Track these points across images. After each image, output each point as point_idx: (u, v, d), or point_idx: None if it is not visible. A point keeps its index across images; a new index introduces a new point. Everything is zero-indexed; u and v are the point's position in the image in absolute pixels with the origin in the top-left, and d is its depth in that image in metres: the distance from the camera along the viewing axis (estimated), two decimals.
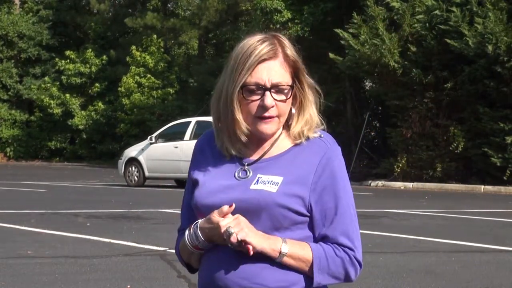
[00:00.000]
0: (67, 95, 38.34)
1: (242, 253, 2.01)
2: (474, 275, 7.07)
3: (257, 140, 2.10)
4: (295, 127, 2.09)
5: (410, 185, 21.18)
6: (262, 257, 2.02)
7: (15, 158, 39.78)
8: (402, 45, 21.28)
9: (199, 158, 2.18)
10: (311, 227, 2.07)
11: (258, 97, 2.03)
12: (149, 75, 36.74)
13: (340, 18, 24.66)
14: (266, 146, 2.11)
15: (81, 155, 39.10)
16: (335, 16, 25.41)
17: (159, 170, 19.34)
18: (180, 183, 20.05)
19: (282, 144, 2.10)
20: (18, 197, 15.61)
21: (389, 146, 23.23)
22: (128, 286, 6.29)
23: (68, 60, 38.64)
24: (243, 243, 1.97)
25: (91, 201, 14.53)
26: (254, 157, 2.10)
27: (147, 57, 36.79)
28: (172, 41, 40.52)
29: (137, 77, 36.65)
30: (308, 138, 2.10)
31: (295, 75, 2.07)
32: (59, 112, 38.41)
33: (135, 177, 19.77)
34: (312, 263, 2.02)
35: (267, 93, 2.02)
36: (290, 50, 2.06)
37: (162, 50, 37.77)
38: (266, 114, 2.03)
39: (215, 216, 2.00)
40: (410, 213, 13.05)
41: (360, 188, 20.15)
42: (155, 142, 19.55)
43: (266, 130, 2.05)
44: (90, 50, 38.72)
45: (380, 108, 27.15)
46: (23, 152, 39.96)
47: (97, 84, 38.72)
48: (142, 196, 16.41)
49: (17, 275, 6.73)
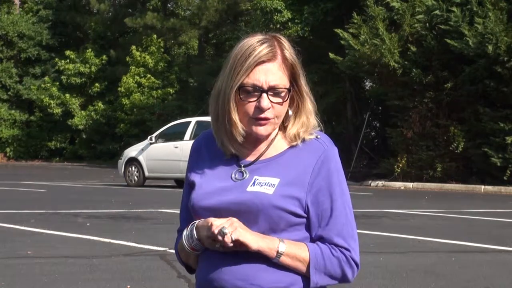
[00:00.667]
0: (67, 95, 38.33)
1: (239, 254, 2.01)
2: (474, 275, 7.07)
3: (254, 141, 2.09)
4: (291, 129, 2.08)
5: (410, 185, 21.18)
6: (259, 258, 2.01)
7: (15, 158, 39.78)
8: (402, 45, 21.28)
9: (196, 160, 2.18)
10: (308, 228, 2.06)
11: (255, 99, 2.02)
12: (149, 75, 36.74)
13: (340, 18, 24.67)
14: (262, 148, 2.10)
15: (81, 155, 39.09)
16: (335, 16, 25.41)
17: (159, 170, 19.34)
18: (180, 183, 20.04)
19: (278, 146, 2.10)
20: (18, 197, 15.61)
21: (389, 146, 23.24)
22: (128, 286, 6.28)
23: (68, 60, 38.63)
24: (238, 243, 1.96)
25: (91, 201, 14.53)
26: (251, 158, 2.10)
27: (147, 57, 36.79)
28: (172, 41, 40.51)
29: (137, 77, 36.65)
30: (304, 140, 2.09)
31: (293, 78, 2.06)
32: (59, 112, 38.40)
33: (135, 177, 19.77)
34: (309, 263, 2.01)
35: (264, 95, 2.01)
36: (289, 53, 2.05)
37: (162, 50, 37.77)
38: (262, 116, 2.02)
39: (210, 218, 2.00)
40: (410, 213, 13.05)
41: (360, 188, 20.15)
42: (155, 142, 19.55)
43: (261, 132, 2.04)
44: (90, 50, 38.71)
45: (380, 108, 27.16)
46: (23, 152, 39.95)
47: (97, 84, 38.71)
48: (142, 196, 16.40)
49: (17, 275, 6.73)
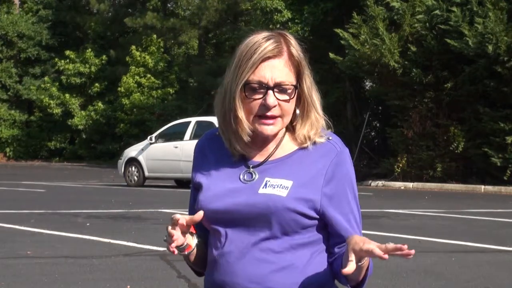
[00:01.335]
0: (67, 95, 38.33)
1: (250, 256, 1.98)
2: (474, 275, 7.07)
3: (261, 141, 2.04)
4: (300, 130, 2.04)
5: (410, 185, 21.18)
6: (271, 259, 1.97)
7: (15, 158, 39.77)
8: (402, 45, 21.27)
9: (201, 161, 2.12)
10: (321, 231, 2.03)
11: (261, 96, 1.97)
12: (149, 75, 36.74)
13: (340, 18, 24.66)
14: (271, 148, 2.05)
15: (81, 155, 39.08)
16: (335, 16, 25.40)
17: (159, 170, 19.33)
18: (180, 183, 20.04)
19: (287, 146, 2.05)
20: (18, 197, 15.61)
21: (389, 146, 23.23)
22: (128, 286, 6.28)
23: (68, 60, 38.62)
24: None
25: (91, 201, 14.53)
26: (259, 159, 2.05)
27: (147, 57, 36.79)
28: (172, 41, 40.51)
29: (137, 77, 36.65)
30: (315, 142, 2.05)
31: (300, 75, 2.02)
32: (59, 112, 38.40)
33: (135, 177, 19.77)
34: (368, 267, 1.97)
35: (270, 92, 1.96)
36: (296, 50, 2.01)
37: (162, 50, 37.77)
38: (268, 114, 1.97)
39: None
40: (410, 213, 13.05)
41: (360, 188, 20.16)
42: (155, 142, 19.54)
43: (267, 131, 1.99)
44: (90, 50, 38.71)
45: (380, 108, 27.15)
46: (23, 152, 39.95)
47: (97, 84, 38.71)
48: (142, 196, 16.40)
49: (17, 275, 6.72)
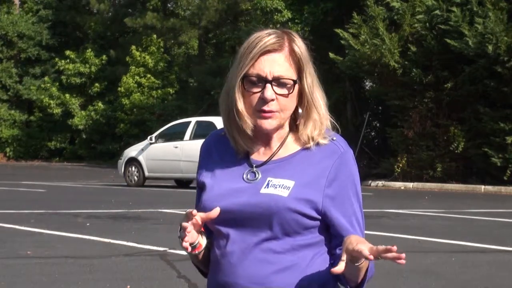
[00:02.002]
0: (67, 95, 38.34)
1: (252, 256, 1.98)
2: (474, 275, 7.07)
3: (265, 139, 2.05)
4: (303, 130, 2.03)
5: (410, 185, 21.18)
6: (273, 260, 1.97)
7: (15, 158, 39.77)
8: (402, 45, 21.27)
9: (206, 161, 2.12)
10: (323, 232, 2.03)
11: (259, 90, 1.97)
12: (149, 75, 36.74)
13: (340, 18, 24.66)
14: (274, 147, 2.05)
15: (81, 155, 39.08)
16: (335, 16, 25.40)
17: (159, 170, 19.33)
18: (180, 183, 20.04)
19: (291, 146, 2.05)
20: (18, 197, 15.61)
21: (389, 146, 23.23)
22: (128, 286, 6.28)
23: (68, 60, 38.63)
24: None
25: (91, 201, 14.52)
26: (262, 158, 2.05)
27: (147, 57, 36.79)
28: (172, 41, 40.51)
29: (137, 77, 36.65)
30: (319, 143, 2.04)
31: (301, 72, 2.00)
32: (59, 112, 38.40)
33: (135, 177, 19.77)
34: (367, 269, 1.97)
35: (268, 86, 1.96)
36: (298, 47, 2.00)
37: (162, 50, 37.77)
38: (266, 108, 1.97)
39: None
40: (410, 213, 13.05)
41: (360, 188, 20.11)
42: (155, 142, 19.54)
43: (266, 125, 1.98)
44: (90, 50, 38.72)
45: (380, 108, 27.15)
46: (23, 152, 39.95)
47: (97, 84, 38.71)
48: (142, 196, 16.40)
49: (17, 275, 6.72)
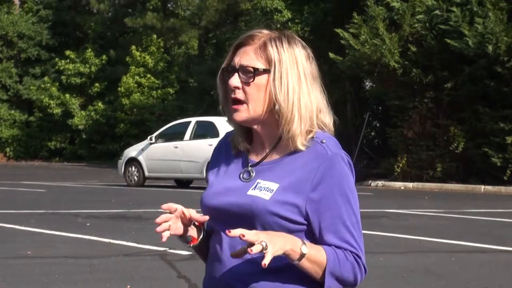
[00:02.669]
0: (67, 95, 38.33)
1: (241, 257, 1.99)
2: (474, 275, 7.07)
3: (259, 140, 2.09)
4: (290, 130, 2.02)
5: (410, 185, 21.18)
6: (257, 261, 1.97)
7: (15, 158, 39.76)
8: (402, 45, 21.27)
9: (215, 159, 2.18)
10: (310, 235, 2.02)
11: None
12: (149, 75, 36.74)
13: (340, 18, 24.66)
14: (268, 148, 2.08)
15: (81, 155, 39.07)
16: (335, 16, 25.41)
17: (159, 170, 19.33)
18: (180, 183, 20.04)
19: (282, 148, 2.06)
20: (18, 197, 15.61)
21: (389, 146, 23.24)
22: (128, 286, 6.28)
23: (68, 60, 38.62)
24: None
25: (91, 201, 14.53)
26: (257, 159, 2.09)
27: (147, 57, 36.78)
28: (172, 41, 40.50)
29: (137, 77, 36.65)
30: (308, 146, 2.03)
31: (270, 66, 2.03)
32: (59, 112, 38.39)
33: (135, 177, 19.77)
34: (325, 267, 1.97)
35: (235, 74, 2.03)
36: (276, 45, 2.03)
37: (162, 50, 37.77)
38: (233, 95, 2.03)
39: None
40: (410, 213, 13.05)
41: (360, 188, 20.14)
42: (155, 142, 19.54)
43: (235, 117, 2.03)
44: (90, 50, 38.71)
45: (380, 108, 27.18)
46: (23, 152, 39.94)
47: (97, 84, 38.71)
48: (142, 196, 16.40)
49: (17, 275, 6.73)
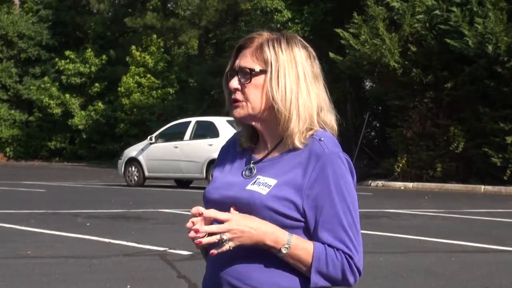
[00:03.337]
0: (67, 95, 38.33)
1: (235, 251, 2.01)
2: (474, 275, 7.07)
3: (264, 140, 2.13)
4: (288, 128, 2.06)
5: (410, 185, 21.18)
6: (255, 257, 2.02)
7: (15, 158, 39.77)
8: (402, 45, 21.27)
9: (221, 157, 2.23)
10: (307, 232, 2.04)
11: None
12: (149, 75, 36.74)
13: (340, 18, 24.66)
14: (270, 146, 2.12)
15: (81, 155, 39.08)
16: (335, 16, 25.41)
17: (159, 170, 19.33)
18: (180, 183, 20.04)
19: (283, 146, 2.09)
20: (18, 197, 15.61)
21: (389, 146, 23.24)
22: (128, 286, 6.28)
23: (68, 60, 38.62)
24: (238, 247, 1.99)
25: (91, 201, 14.53)
26: (259, 156, 2.13)
27: (147, 57, 36.78)
28: (172, 41, 40.50)
29: (137, 77, 36.65)
30: (307, 144, 2.06)
31: (266, 67, 2.07)
32: (59, 112, 38.40)
33: (135, 177, 19.77)
34: (311, 264, 1.99)
35: (235, 77, 2.09)
36: (273, 47, 2.07)
37: (162, 50, 37.77)
38: (233, 96, 2.09)
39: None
40: (410, 213, 13.05)
41: (360, 188, 20.14)
42: (155, 142, 19.54)
43: (234, 114, 2.10)
44: (90, 50, 38.71)
45: (380, 108, 27.17)
46: (23, 152, 39.95)
47: (97, 84, 38.71)
48: (142, 196, 16.40)
49: (17, 275, 6.73)
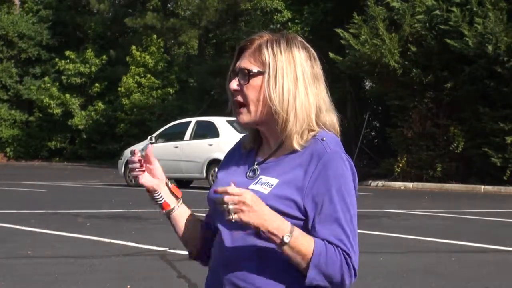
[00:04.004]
0: (67, 95, 38.33)
1: (237, 251, 2.03)
2: (474, 275, 7.08)
3: (267, 141, 2.15)
4: (286, 129, 2.06)
5: (410, 185, 21.18)
6: (261, 259, 2.02)
7: (15, 158, 39.77)
8: (402, 45, 21.27)
9: (228, 158, 2.25)
10: (307, 232, 2.03)
11: None
12: (149, 75, 36.74)
13: (340, 18, 24.66)
14: (273, 147, 2.13)
15: (81, 155, 39.08)
16: (335, 16, 25.41)
17: None
18: (180, 183, 20.03)
19: (287, 146, 2.09)
20: (18, 197, 15.62)
21: (389, 146, 23.25)
22: (128, 286, 6.28)
23: (68, 60, 38.62)
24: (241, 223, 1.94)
25: (91, 201, 14.53)
26: (263, 158, 2.14)
27: (147, 57, 36.78)
28: (172, 41, 40.51)
29: (137, 77, 36.65)
30: (310, 144, 2.07)
31: (264, 68, 2.08)
32: (59, 112, 38.40)
33: None
34: (311, 259, 1.97)
35: (235, 78, 2.11)
36: (272, 47, 2.08)
37: (162, 50, 37.76)
38: (234, 99, 2.11)
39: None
40: (410, 213, 13.05)
41: (360, 188, 20.08)
42: (155, 142, 19.54)
43: (239, 119, 2.11)
44: (90, 50, 38.71)
45: (380, 108, 27.19)
46: (23, 152, 39.95)
47: (97, 84, 38.71)
48: (142, 196, 16.29)
49: (17, 275, 6.73)
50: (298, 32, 24.56)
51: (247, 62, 2.09)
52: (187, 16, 38.95)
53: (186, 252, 2.20)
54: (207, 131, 18.73)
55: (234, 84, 2.10)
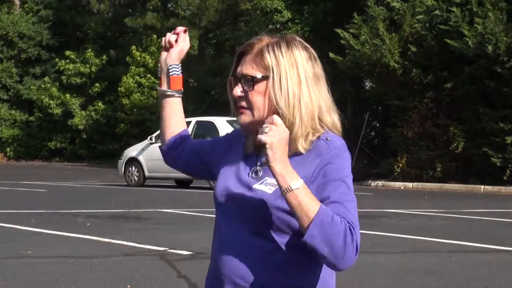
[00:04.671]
0: (67, 95, 38.34)
1: (239, 250, 2.04)
2: (474, 275, 7.08)
3: None
4: (293, 133, 2.06)
5: (410, 185, 21.18)
6: (262, 257, 2.03)
7: (15, 158, 39.78)
8: (402, 45, 21.28)
9: (228, 153, 2.24)
10: None
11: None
12: (149, 75, 36.74)
13: (340, 18, 24.67)
14: None
15: (81, 155, 39.09)
16: (335, 16, 25.42)
17: (159, 170, 19.32)
18: (180, 183, 20.05)
19: (290, 149, 2.07)
20: (18, 197, 15.62)
21: (389, 146, 23.24)
22: (128, 286, 6.29)
23: (68, 60, 38.63)
24: (263, 146, 1.97)
25: (91, 201, 14.53)
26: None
27: (147, 57, 36.79)
28: None
29: (137, 77, 36.65)
30: (314, 145, 2.07)
31: (268, 73, 2.07)
32: (59, 112, 38.41)
33: (135, 177, 19.77)
34: (314, 217, 1.92)
35: (238, 84, 2.11)
36: (275, 53, 2.07)
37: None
38: (238, 105, 2.11)
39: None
40: (410, 213, 13.06)
41: (360, 188, 20.14)
42: (155, 142, 19.54)
43: (240, 120, 2.12)
44: (90, 50, 38.72)
45: (380, 108, 27.18)
46: (23, 152, 39.95)
47: (97, 84, 38.72)
48: (142, 196, 16.40)
49: (17, 275, 6.73)
50: (298, 32, 24.56)
51: (250, 68, 2.08)
52: (187, 16, 38.93)
53: (186, 252, 2.19)
54: (207, 131, 18.72)
55: (238, 91, 2.10)
